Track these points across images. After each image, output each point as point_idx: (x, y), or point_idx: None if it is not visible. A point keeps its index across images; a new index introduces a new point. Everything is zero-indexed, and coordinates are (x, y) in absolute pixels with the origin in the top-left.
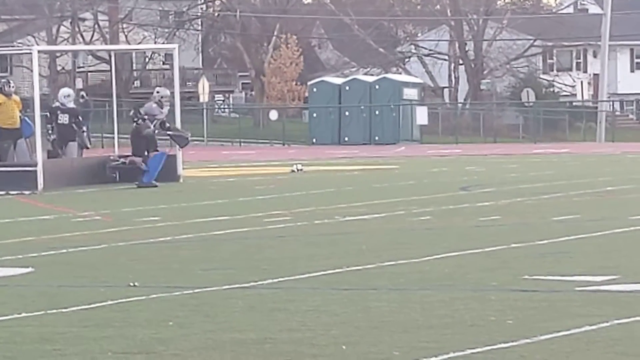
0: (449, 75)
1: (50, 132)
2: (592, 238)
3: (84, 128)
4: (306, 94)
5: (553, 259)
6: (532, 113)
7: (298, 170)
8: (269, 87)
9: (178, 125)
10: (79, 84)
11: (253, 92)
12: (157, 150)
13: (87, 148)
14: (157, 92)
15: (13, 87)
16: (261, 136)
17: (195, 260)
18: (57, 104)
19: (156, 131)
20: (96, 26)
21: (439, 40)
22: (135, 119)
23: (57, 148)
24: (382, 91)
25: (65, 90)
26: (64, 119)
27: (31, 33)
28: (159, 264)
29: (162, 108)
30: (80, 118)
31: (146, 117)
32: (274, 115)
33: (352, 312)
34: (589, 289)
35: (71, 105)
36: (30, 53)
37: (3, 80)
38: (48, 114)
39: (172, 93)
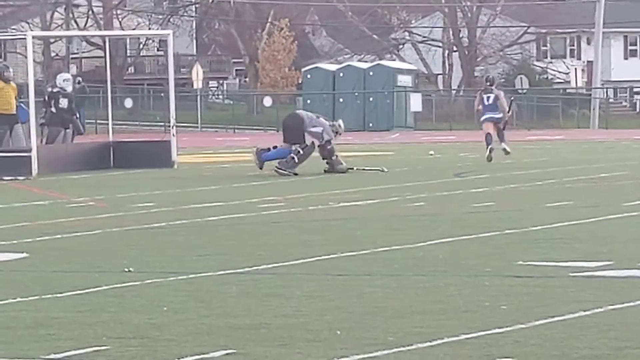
0: (443, 62)
1: (42, 117)
2: (586, 224)
3: (77, 114)
4: (300, 81)
5: (547, 245)
6: (525, 100)
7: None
8: (263, 73)
9: (172, 113)
10: (73, 70)
11: (247, 79)
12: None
13: (81, 134)
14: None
15: (11, 72)
16: (255, 122)
17: (189, 246)
18: (57, 88)
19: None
20: (90, 12)
21: (432, 27)
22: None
23: (55, 132)
24: (376, 78)
25: (64, 75)
26: (64, 103)
27: (25, 19)
28: (153, 249)
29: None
30: (73, 103)
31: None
32: (268, 101)
33: (347, 297)
34: (583, 274)
35: (70, 89)
36: (25, 39)
37: (1, 65)
38: (46, 98)
39: (167, 79)
